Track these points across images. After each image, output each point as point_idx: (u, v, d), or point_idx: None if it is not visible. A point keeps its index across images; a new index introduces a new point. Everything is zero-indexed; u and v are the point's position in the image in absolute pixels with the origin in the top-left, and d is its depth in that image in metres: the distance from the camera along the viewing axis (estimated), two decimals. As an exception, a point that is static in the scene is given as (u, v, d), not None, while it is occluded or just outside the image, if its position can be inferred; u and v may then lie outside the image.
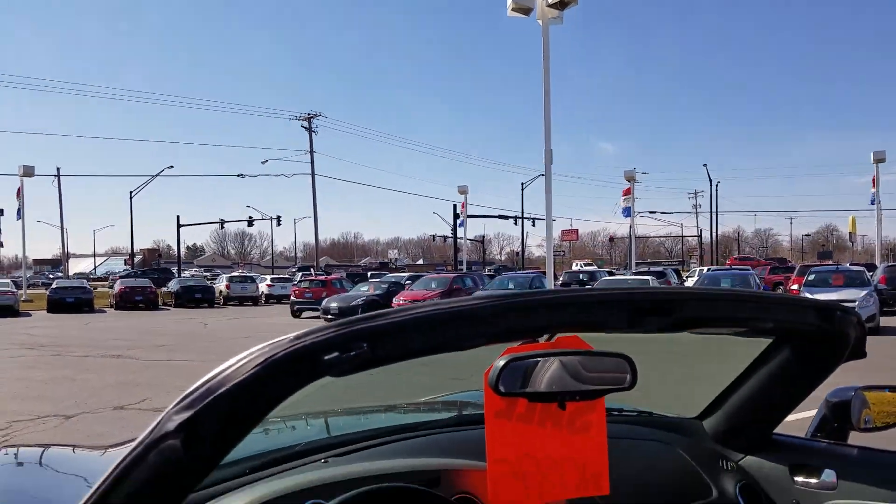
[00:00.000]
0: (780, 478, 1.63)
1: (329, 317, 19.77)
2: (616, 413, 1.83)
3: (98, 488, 0.82)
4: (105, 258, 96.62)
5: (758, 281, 16.62)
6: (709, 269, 22.54)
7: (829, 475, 1.56)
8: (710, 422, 1.78)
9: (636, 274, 21.74)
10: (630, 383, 1.10)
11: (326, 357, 0.80)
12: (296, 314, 22.29)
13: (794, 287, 18.11)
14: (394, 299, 19.49)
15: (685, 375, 1.95)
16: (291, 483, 1.23)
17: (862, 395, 1.72)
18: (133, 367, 10.50)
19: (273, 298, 31.77)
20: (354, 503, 1.06)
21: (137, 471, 0.79)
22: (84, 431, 6.27)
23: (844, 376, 1.69)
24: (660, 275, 21.79)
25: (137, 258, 62.93)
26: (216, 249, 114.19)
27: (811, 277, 16.33)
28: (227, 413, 0.78)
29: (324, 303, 20.39)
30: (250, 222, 50.04)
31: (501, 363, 1.04)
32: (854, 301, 14.36)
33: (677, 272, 28.90)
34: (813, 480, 1.58)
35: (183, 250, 59.12)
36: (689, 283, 23.64)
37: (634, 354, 1.13)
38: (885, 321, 16.01)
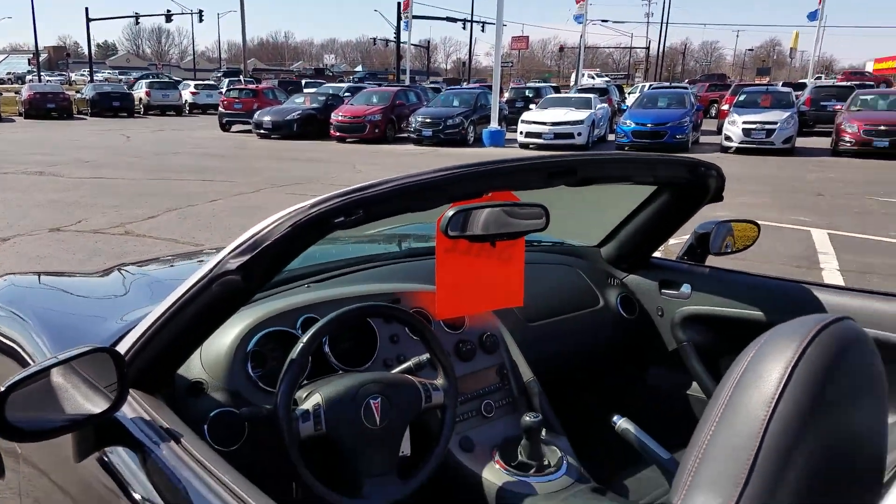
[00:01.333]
0: (650, 290, 2.23)
1: (262, 131, 19.62)
2: (535, 244, 2.37)
3: (161, 317, 1.23)
4: (4, 56, 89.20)
5: (693, 100, 17.24)
6: (650, 87, 22.97)
7: (686, 288, 2.16)
8: (605, 249, 2.33)
9: (580, 91, 21.98)
10: (544, 225, 1.54)
11: (336, 220, 1.22)
12: (225, 128, 21.94)
13: (725, 107, 18.90)
14: (332, 114, 19.35)
15: (591, 214, 2.47)
16: (284, 304, 1.62)
17: (729, 225, 2.29)
18: (60, 186, 10.49)
19: (198, 108, 30.73)
20: (347, 317, 1.51)
21: (204, 295, 1.20)
22: (25, 255, 6.38)
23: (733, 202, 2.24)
24: (602, 92, 22.13)
25: (42, 57, 58.44)
26: (130, 48, 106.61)
27: (741, 98, 17.09)
28: (270, 258, 1.20)
29: (256, 115, 20.06)
30: (168, 17, 46.49)
31: (451, 213, 1.45)
32: (776, 123, 15.30)
33: (620, 88, 29.23)
34: (674, 292, 2.18)
35: (93, 49, 55.16)
36: (631, 99, 24.09)
37: (556, 199, 1.56)
38: (803, 141, 17.18)
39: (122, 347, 1.23)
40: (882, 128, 14.78)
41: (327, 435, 1.33)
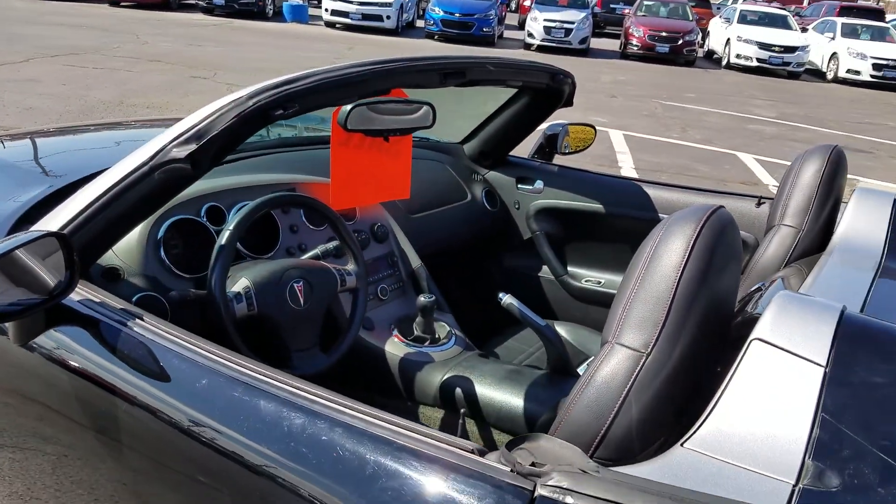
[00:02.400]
0: (509, 185, 2.50)
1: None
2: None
3: (105, 195, 1.25)
4: None
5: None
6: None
7: (539, 184, 2.47)
8: (468, 146, 2.55)
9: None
10: (431, 123, 1.73)
11: (275, 113, 1.30)
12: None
13: (527, 3, 19.60)
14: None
15: (455, 114, 2.66)
16: (186, 193, 1.59)
17: (567, 128, 2.60)
18: None
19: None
20: (268, 204, 1.54)
21: (146, 182, 1.22)
22: None
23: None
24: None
25: None
26: None
27: (541, -4, 17.81)
28: (217, 148, 1.25)
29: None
30: None
31: (349, 107, 1.57)
32: (573, 23, 16.25)
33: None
34: (529, 187, 2.47)
35: None
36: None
37: (422, 96, 1.72)
38: (596, 42, 18.48)
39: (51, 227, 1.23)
40: (664, 34, 16.34)
41: (259, 314, 1.45)
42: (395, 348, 1.76)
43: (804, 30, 18.14)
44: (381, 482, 0.86)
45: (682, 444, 0.83)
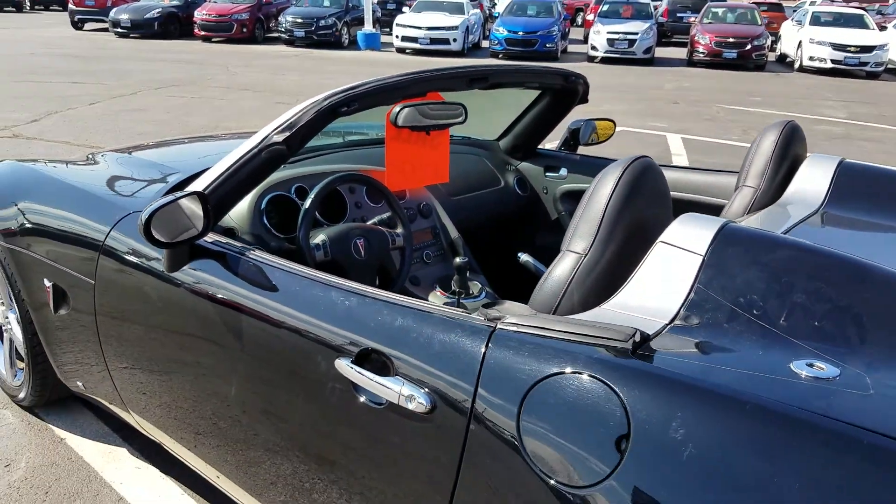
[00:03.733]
0: (538, 174, 2.96)
1: (120, 29, 18.59)
2: (452, 137, 3.02)
3: (230, 168, 1.78)
4: None
5: (560, 9, 18.05)
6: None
7: (563, 171, 2.91)
8: (503, 142, 3.03)
9: None
10: (464, 119, 2.21)
11: (342, 109, 1.81)
12: (77, 26, 20.62)
13: (590, 17, 19.92)
14: (196, 13, 18.57)
15: (490, 117, 3.15)
16: (279, 176, 2.16)
17: (593, 123, 3.04)
18: None
19: (39, 4, 28.22)
20: (338, 181, 2.09)
21: (256, 159, 1.72)
22: None
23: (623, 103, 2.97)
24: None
25: None
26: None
27: (604, 8, 18.10)
28: (303, 134, 1.76)
29: (112, 13, 18.98)
30: None
31: (398, 109, 2.07)
32: (637, 33, 16.47)
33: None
34: (555, 174, 2.93)
35: None
36: (500, 6, 24.60)
37: (466, 101, 2.21)
38: (661, 51, 18.59)
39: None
40: (731, 39, 16.34)
41: (332, 260, 1.96)
42: (437, 300, 2.23)
43: (883, 28, 17.69)
44: (412, 333, 1.32)
45: (600, 306, 1.28)
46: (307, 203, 1.98)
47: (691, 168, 2.65)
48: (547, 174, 2.95)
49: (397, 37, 17.55)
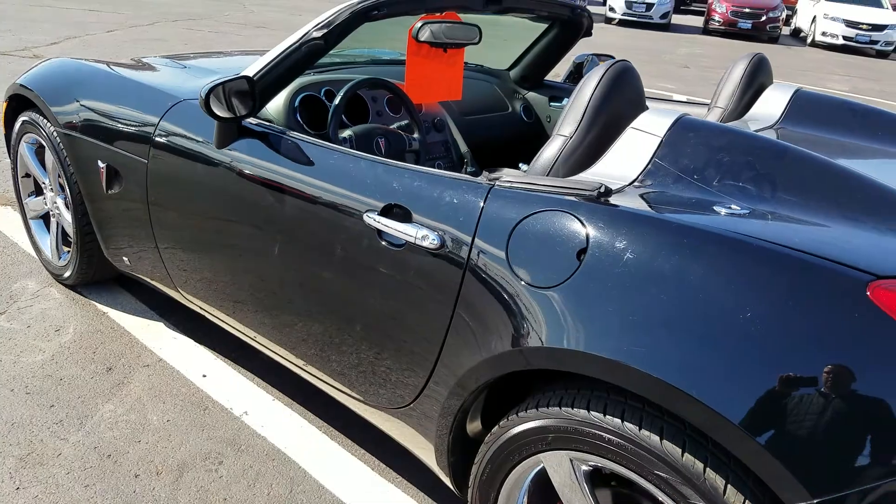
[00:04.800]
0: (543, 102, 3.23)
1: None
2: (466, 64, 3.28)
3: (274, 58, 2.05)
4: None
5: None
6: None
7: (566, 101, 3.16)
8: (513, 72, 3.29)
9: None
10: (478, 40, 2.48)
11: (372, 12, 2.07)
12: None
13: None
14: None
15: (503, 49, 3.40)
16: (310, 80, 2.43)
17: (595, 58, 3.29)
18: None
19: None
20: (362, 84, 2.37)
21: (298, 51, 1.99)
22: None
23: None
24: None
25: None
26: None
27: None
28: (339, 32, 2.01)
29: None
30: None
31: (420, 24, 2.34)
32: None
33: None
34: (558, 104, 3.19)
35: None
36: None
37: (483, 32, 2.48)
38: (679, 18, 18.58)
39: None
40: (747, 10, 16.38)
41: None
42: None
43: (897, 7, 17.72)
44: (428, 191, 1.61)
45: (578, 174, 1.57)
46: (337, 100, 2.25)
47: (668, 100, 2.93)
48: (551, 104, 3.21)
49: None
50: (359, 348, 1.80)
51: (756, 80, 2.30)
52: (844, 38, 15.89)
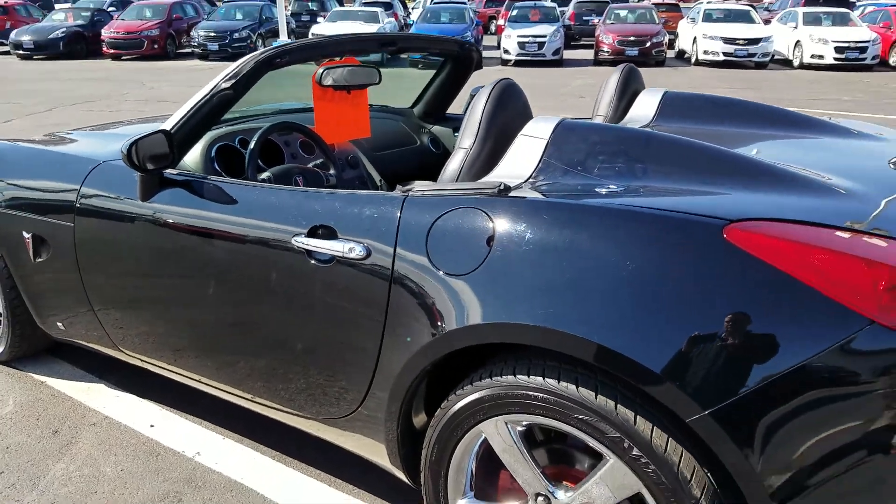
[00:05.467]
0: (448, 134, 3.48)
1: (22, 51, 18.30)
2: (371, 106, 3.52)
3: (188, 111, 2.22)
4: None
5: (472, 15, 18.89)
6: (432, 2, 24.29)
7: None
8: (416, 109, 3.55)
9: (365, 5, 22.73)
10: (379, 80, 2.72)
11: (275, 60, 2.27)
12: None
13: (501, 23, 20.81)
14: (104, 31, 18.48)
15: (405, 90, 3.67)
16: (224, 131, 2.60)
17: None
18: None
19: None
20: (276, 128, 2.55)
21: (208, 103, 2.15)
22: None
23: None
24: (387, 6, 23.16)
25: None
26: None
27: (514, 13, 19.02)
28: (245, 82, 2.21)
29: (13, 35, 18.72)
30: None
31: (322, 70, 2.57)
32: (545, 36, 17.38)
33: (403, 3, 30.33)
34: None
35: None
36: (415, 14, 25.36)
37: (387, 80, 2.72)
38: (570, 53, 19.60)
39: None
40: (632, 38, 17.46)
41: None
42: None
43: (767, 22, 19.23)
44: (349, 209, 1.80)
45: (482, 179, 1.80)
46: (252, 144, 2.43)
47: None
48: (456, 134, 3.47)
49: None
50: (304, 371, 1.94)
51: (629, 88, 2.61)
52: (724, 54, 17.11)
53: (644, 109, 2.49)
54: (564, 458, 1.62)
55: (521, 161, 1.81)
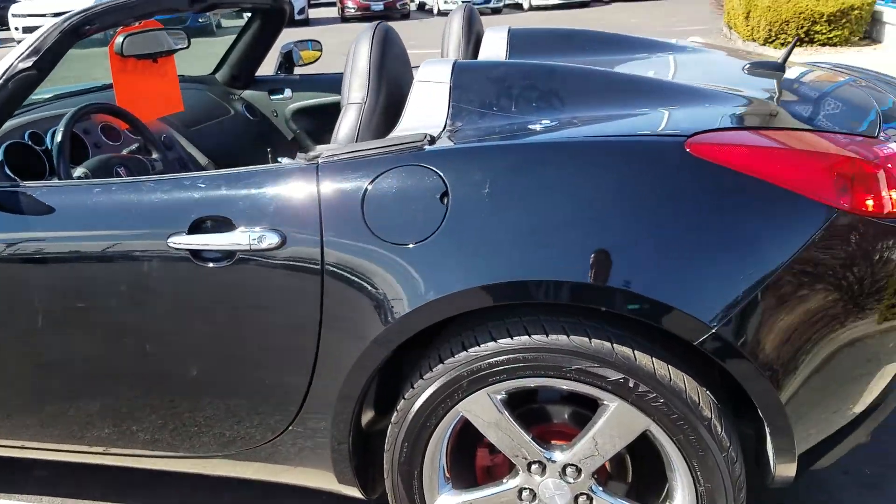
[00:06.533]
0: (263, 98, 3.09)
1: None
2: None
3: None
4: None
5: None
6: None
7: (287, 92, 3.08)
8: (219, 75, 3.09)
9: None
10: (188, 43, 2.29)
11: (83, 28, 1.77)
12: None
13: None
14: None
15: (207, 53, 3.18)
16: (9, 125, 2.00)
17: (296, 47, 3.23)
18: None
19: None
20: (84, 111, 2.00)
21: (3, 92, 1.62)
22: None
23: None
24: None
25: None
26: None
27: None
28: (52, 57, 1.67)
29: None
30: None
31: (122, 38, 2.09)
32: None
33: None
34: (280, 96, 3.07)
35: None
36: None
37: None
38: (314, 13, 19.12)
39: None
40: (376, -7, 17.47)
41: None
42: None
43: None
44: (241, 191, 1.44)
45: (388, 136, 1.53)
46: (59, 136, 1.91)
47: None
48: (272, 97, 3.09)
49: (16, 28, 15.54)
50: (205, 403, 1.57)
51: (473, 29, 2.44)
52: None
53: (494, 49, 2.34)
54: (544, 417, 1.49)
55: (426, 110, 1.57)
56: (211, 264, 1.44)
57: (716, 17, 13.04)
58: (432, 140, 1.43)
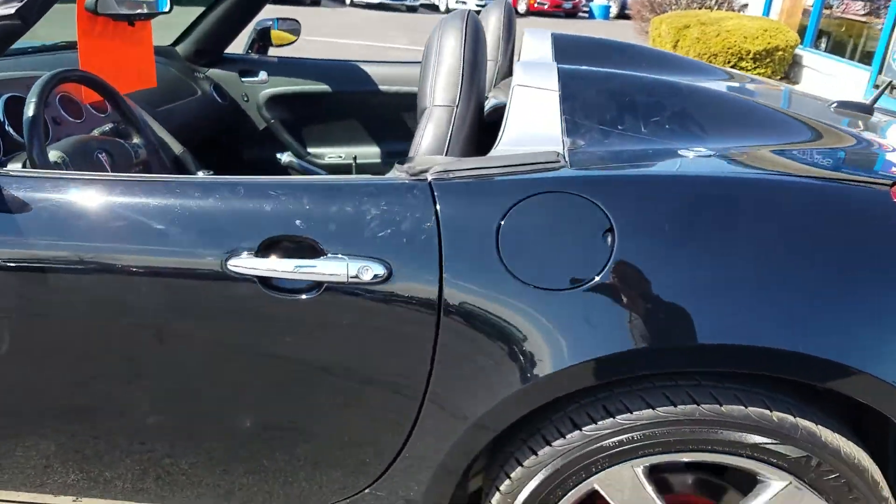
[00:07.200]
0: (233, 79, 2.68)
1: None
2: None
3: None
4: None
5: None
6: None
7: (263, 74, 2.69)
8: (181, 48, 2.64)
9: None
10: (170, 8, 1.90)
11: None
12: None
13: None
14: None
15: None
16: None
17: (276, 21, 2.84)
18: None
19: None
20: (55, 81, 1.58)
21: None
22: None
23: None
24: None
25: None
26: None
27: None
28: (40, 6, 1.29)
29: None
30: None
31: None
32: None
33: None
34: (254, 78, 2.68)
35: None
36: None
37: None
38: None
39: None
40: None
41: None
42: None
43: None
44: (331, 208, 1.12)
45: (492, 152, 1.25)
46: (31, 109, 1.47)
47: (394, 62, 2.72)
48: (243, 79, 2.69)
49: None
50: (258, 456, 1.24)
51: (512, 28, 2.18)
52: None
53: (539, 53, 2.09)
54: (668, 487, 1.32)
55: (533, 121, 1.30)
56: (284, 295, 1.11)
57: (640, 42, 13.40)
58: (564, 161, 1.17)
